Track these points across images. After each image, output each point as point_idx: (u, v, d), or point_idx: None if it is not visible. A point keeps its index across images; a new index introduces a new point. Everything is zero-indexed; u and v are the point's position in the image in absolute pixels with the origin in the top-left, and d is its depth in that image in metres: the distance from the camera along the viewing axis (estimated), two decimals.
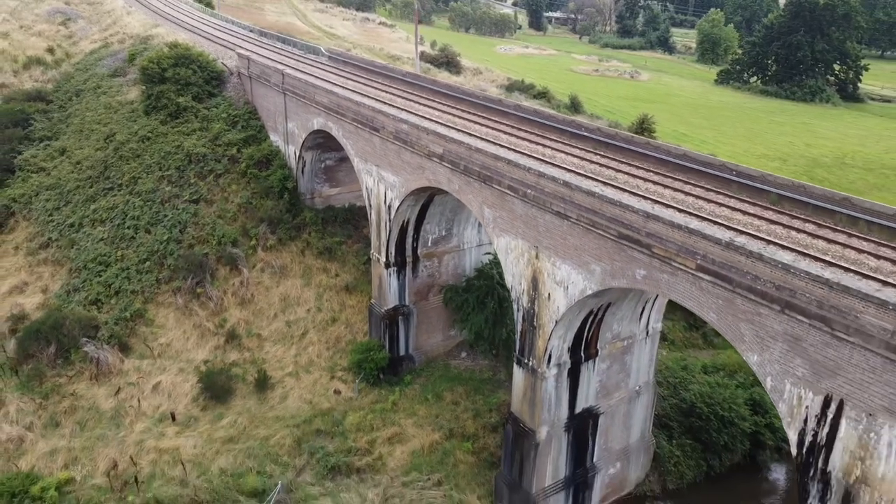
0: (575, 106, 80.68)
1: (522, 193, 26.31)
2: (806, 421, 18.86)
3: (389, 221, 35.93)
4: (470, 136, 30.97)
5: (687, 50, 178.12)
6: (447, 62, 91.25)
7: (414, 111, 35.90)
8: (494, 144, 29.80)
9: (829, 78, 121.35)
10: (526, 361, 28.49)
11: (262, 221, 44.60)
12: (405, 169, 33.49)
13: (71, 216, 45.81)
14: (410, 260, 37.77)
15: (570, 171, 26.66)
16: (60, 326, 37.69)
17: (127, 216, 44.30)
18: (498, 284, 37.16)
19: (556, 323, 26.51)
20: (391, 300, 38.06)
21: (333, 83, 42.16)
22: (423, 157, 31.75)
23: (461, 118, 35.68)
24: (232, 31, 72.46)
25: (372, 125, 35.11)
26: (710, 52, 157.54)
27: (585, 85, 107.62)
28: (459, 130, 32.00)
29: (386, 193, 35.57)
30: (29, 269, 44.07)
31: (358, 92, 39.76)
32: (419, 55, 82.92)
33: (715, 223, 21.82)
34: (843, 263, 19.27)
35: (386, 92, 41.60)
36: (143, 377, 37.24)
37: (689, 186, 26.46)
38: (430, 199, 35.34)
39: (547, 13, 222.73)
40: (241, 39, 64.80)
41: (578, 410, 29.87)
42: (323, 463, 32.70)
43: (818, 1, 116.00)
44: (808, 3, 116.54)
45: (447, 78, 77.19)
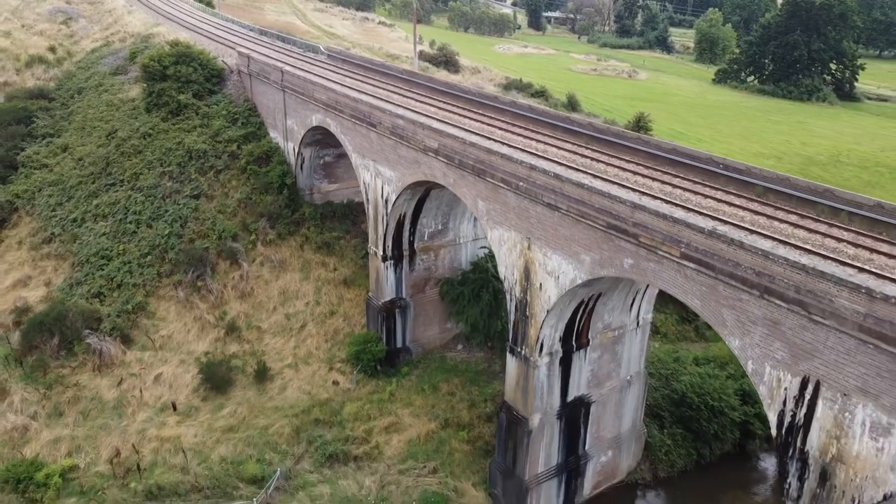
0: (572, 105, 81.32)
1: (515, 186, 27.02)
2: (785, 402, 19.58)
3: (386, 216, 36.65)
4: (465, 131, 31.68)
5: (685, 50, 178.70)
6: (446, 61, 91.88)
7: (410, 107, 36.59)
8: (488, 139, 30.50)
9: (825, 77, 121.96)
10: (519, 350, 29.21)
11: (261, 216, 45.32)
12: (401, 163, 34.21)
13: (73, 211, 46.56)
14: (407, 254, 38.48)
15: (561, 164, 27.36)
16: (63, 319, 38.41)
17: (129, 211, 45.04)
18: (493, 277, 37.87)
19: (547, 312, 27.22)
20: (388, 293, 38.77)
21: (332, 80, 42.86)
22: (418, 151, 32.46)
23: (457, 114, 36.37)
24: (232, 29, 73.18)
25: (369, 121, 35.83)
26: (708, 51, 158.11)
27: (583, 84, 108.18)
28: (454, 126, 32.69)
29: (383, 188, 36.28)
30: (32, 263, 44.81)
31: (356, 89, 40.48)
32: (418, 54, 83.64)
33: (700, 213, 22.53)
34: (822, 252, 19.99)
35: (383, 89, 42.30)
36: (144, 368, 37.97)
37: (677, 179, 27.13)
38: (426, 193, 36.06)
39: (546, 13, 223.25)
40: (241, 38, 65.51)
41: (570, 399, 30.58)
42: (321, 451, 33.45)
43: (814, 1, 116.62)
44: (804, 2, 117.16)
45: (445, 77, 77.82)
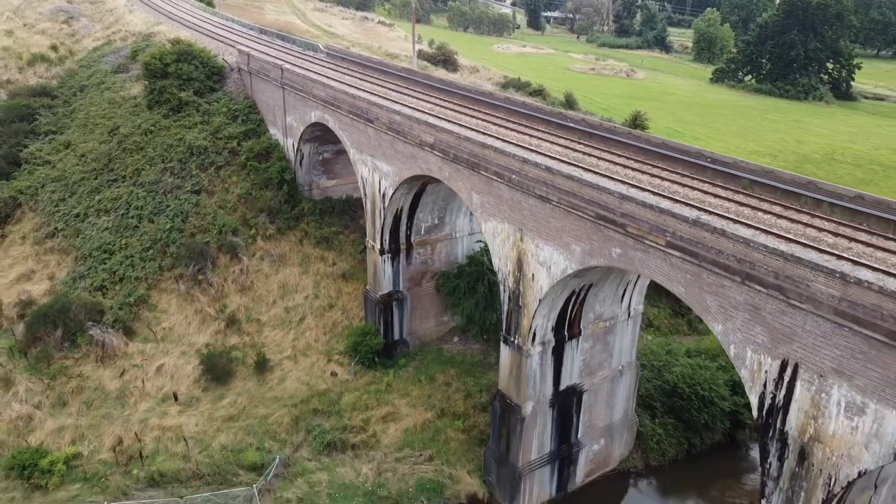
0: (570, 103, 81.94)
1: (508, 179, 27.74)
2: (765, 384, 20.30)
3: (384, 210, 37.38)
4: (460, 126, 32.38)
5: (684, 49, 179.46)
6: (444, 60, 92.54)
7: (407, 104, 37.28)
8: (483, 134, 31.21)
9: (822, 77, 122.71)
10: (512, 340, 29.93)
11: (261, 212, 46.08)
12: (398, 158, 34.94)
13: (76, 207, 47.31)
14: (404, 247, 39.21)
15: (553, 158, 28.06)
16: (67, 311, 39.14)
17: (131, 206, 45.80)
18: (488, 270, 38.60)
19: (539, 302, 27.94)
20: (386, 286, 39.51)
21: (330, 78, 43.59)
22: (415, 146, 33.19)
23: (453, 110, 37.07)
24: (232, 28, 73.95)
25: (367, 117, 36.56)
26: (706, 51, 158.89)
27: (581, 83, 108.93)
28: (450, 121, 33.40)
29: (380, 182, 37.01)
30: (36, 257, 45.56)
31: (354, 86, 41.20)
32: (417, 53, 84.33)
33: (685, 204, 23.23)
34: (802, 240, 20.68)
35: (381, 86, 43.01)
36: (146, 360, 38.72)
37: (665, 173, 27.81)
38: (422, 188, 36.78)
39: (545, 13, 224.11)
40: (241, 37, 66.26)
41: (563, 387, 31.30)
42: (319, 439, 34.19)
43: (811, 0, 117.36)
44: (801, 2, 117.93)
45: (444, 75, 78.56)
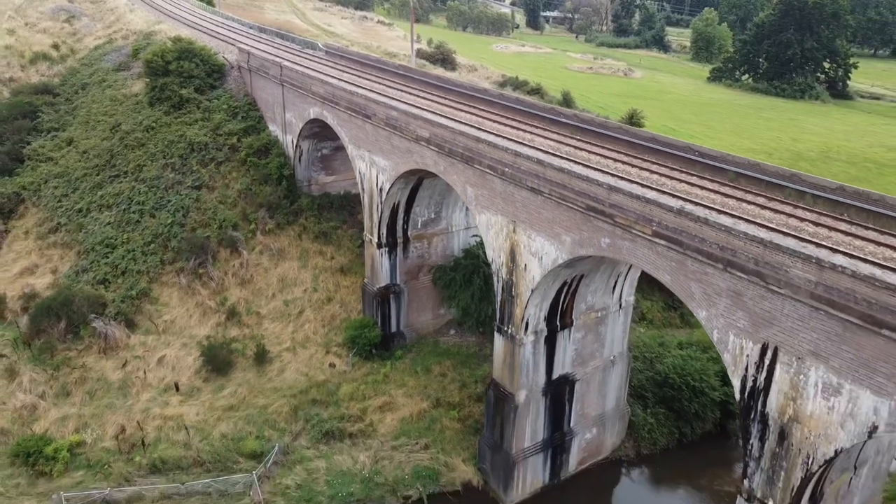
0: (567, 101, 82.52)
1: (501, 172, 28.47)
2: (747, 368, 21.03)
3: (381, 204, 38.10)
4: (455, 121, 33.11)
5: (682, 49, 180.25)
6: (442, 59, 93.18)
7: (404, 100, 38.03)
8: (477, 129, 31.93)
9: (818, 76, 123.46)
10: (505, 329, 30.67)
11: (261, 207, 46.81)
12: (395, 153, 35.67)
13: (79, 202, 48.03)
14: (401, 241, 39.95)
15: (545, 152, 28.79)
16: (70, 303, 39.85)
17: (132, 201, 46.53)
18: (484, 263, 39.28)
19: (532, 292, 28.67)
20: (383, 279, 40.24)
21: (329, 75, 44.33)
22: (411, 141, 33.92)
23: (448, 106, 37.80)
24: (232, 27, 74.70)
25: (364, 112, 37.29)
26: (704, 50, 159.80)
27: (579, 82, 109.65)
28: (445, 117, 34.13)
29: (377, 177, 37.74)
30: (39, 251, 46.30)
31: (352, 83, 41.94)
32: (415, 52, 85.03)
33: (671, 195, 23.96)
34: (784, 230, 21.43)
35: (379, 83, 43.77)
36: (148, 351, 39.44)
37: (654, 166, 28.58)
38: (419, 182, 37.51)
39: (544, 12, 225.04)
40: (241, 35, 67.02)
41: (555, 376, 32.01)
42: (318, 428, 34.94)
43: (807, 0, 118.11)
44: (797, 1, 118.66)
45: (442, 74, 79.16)
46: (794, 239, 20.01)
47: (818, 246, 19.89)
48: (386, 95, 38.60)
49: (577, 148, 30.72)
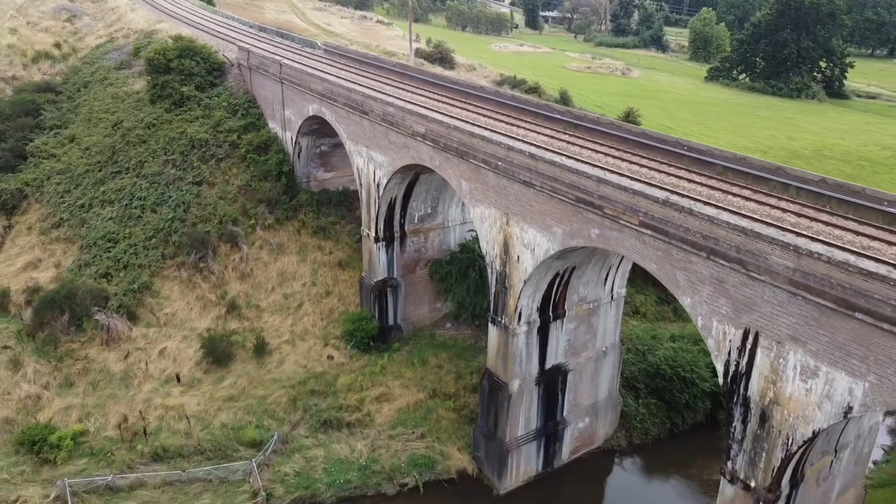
0: (564, 100, 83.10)
1: (494, 166, 29.20)
2: (730, 353, 21.78)
3: (378, 198, 38.83)
4: (450, 117, 33.82)
5: (680, 48, 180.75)
6: (441, 58, 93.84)
7: (401, 97, 38.75)
8: (471, 124, 32.65)
9: (815, 75, 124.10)
10: (499, 320, 31.40)
11: (260, 202, 47.55)
12: (392, 148, 36.41)
13: (81, 198, 48.78)
14: (398, 235, 40.68)
15: (538, 146, 29.51)
16: (73, 297, 40.59)
17: (134, 197, 47.29)
18: (479, 257, 40.02)
19: (524, 283, 29.40)
20: (380, 272, 40.97)
21: (328, 72, 45.06)
22: (407, 136, 34.65)
23: (444, 103, 38.52)
24: (232, 26, 75.43)
25: (362, 109, 38.02)
26: (702, 50, 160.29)
27: (577, 81, 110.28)
28: (441, 113, 34.84)
29: (375, 172, 38.47)
30: (42, 246, 47.03)
31: (350, 80, 42.66)
32: (414, 51, 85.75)
33: (657, 187, 24.68)
34: (767, 220, 22.16)
35: (376, 80, 44.48)
36: (150, 343, 40.19)
37: (644, 160, 29.27)
38: (415, 177, 38.24)
39: (543, 12, 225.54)
40: (241, 34, 67.75)
41: (548, 366, 32.76)
42: (316, 418, 35.69)
43: (803, 0, 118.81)
44: (793, 1, 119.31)
45: (439, 72, 79.83)
46: (773, 228, 20.74)
47: (797, 235, 20.63)
48: (383, 92, 39.31)
49: (569, 143, 31.42)
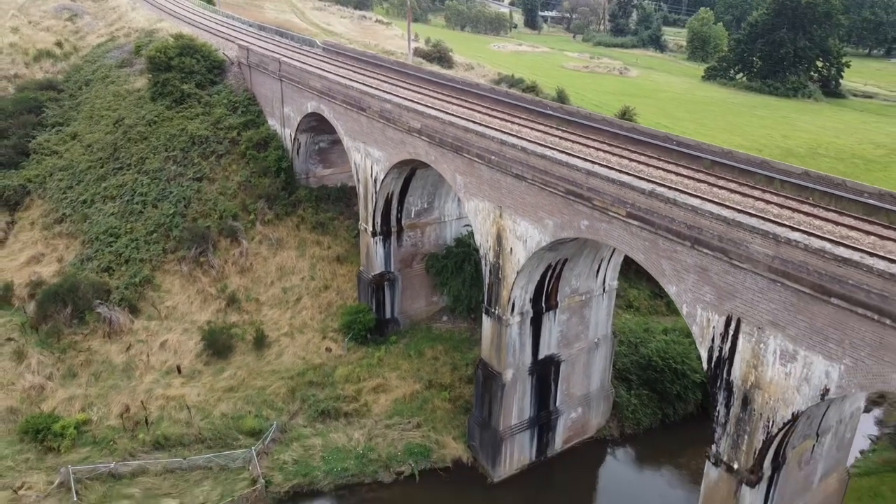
0: (562, 99, 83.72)
1: (488, 160, 29.93)
2: (713, 339, 22.50)
3: (375, 193, 39.56)
4: (445, 113, 34.55)
5: (678, 48, 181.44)
6: (440, 57, 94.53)
7: (398, 94, 39.46)
8: (466, 120, 33.37)
9: (812, 74, 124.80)
10: (493, 310, 32.13)
11: (260, 198, 48.29)
12: (389, 144, 37.14)
13: (83, 194, 49.51)
14: (395, 230, 41.40)
15: (530, 141, 30.23)
16: (76, 290, 41.33)
17: (135, 193, 48.03)
18: (474, 251, 40.71)
19: (517, 274, 30.13)
20: (378, 266, 41.70)
21: (326, 70, 45.79)
22: (404, 132, 35.38)
23: (440, 100, 39.24)
24: (232, 25, 76.16)
25: (359, 105, 38.75)
26: (699, 49, 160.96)
27: (574, 80, 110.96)
28: (437, 109, 35.58)
29: (372, 167, 39.20)
30: (45, 241, 47.77)
31: (348, 78, 43.39)
32: (413, 51, 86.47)
33: (644, 179, 25.40)
34: (749, 210, 22.88)
35: (374, 78, 45.21)
36: (151, 336, 40.94)
37: (634, 154, 30.00)
38: (412, 172, 38.96)
39: (542, 12, 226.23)
40: (241, 33, 68.49)
41: (541, 357, 33.48)
42: (314, 408, 36.45)
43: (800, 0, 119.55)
44: (790, 1, 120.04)
45: (437, 71, 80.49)
46: (755, 217, 21.47)
47: (777, 224, 21.34)
48: (380, 89, 40.03)
49: (560, 138, 32.15)
